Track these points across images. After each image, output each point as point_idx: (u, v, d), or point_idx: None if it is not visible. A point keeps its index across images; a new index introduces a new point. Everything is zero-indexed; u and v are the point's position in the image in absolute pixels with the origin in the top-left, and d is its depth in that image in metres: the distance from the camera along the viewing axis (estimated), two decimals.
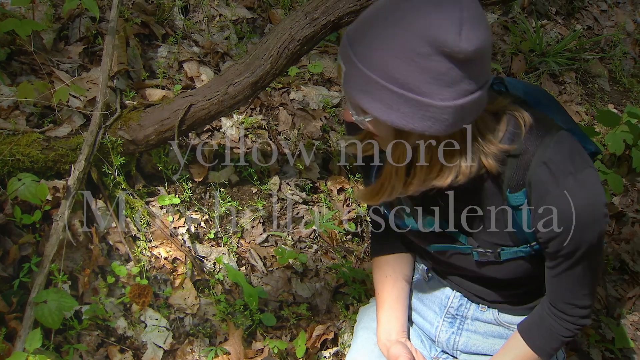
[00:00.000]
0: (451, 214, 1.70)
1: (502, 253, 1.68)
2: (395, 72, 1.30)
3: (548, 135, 1.52)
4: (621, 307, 3.30)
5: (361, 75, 1.34)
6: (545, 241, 1.56)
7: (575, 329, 1.71)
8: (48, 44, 2.91)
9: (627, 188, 3.86)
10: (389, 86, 1.32)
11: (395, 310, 1.95)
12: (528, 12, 4.91)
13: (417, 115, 1.34)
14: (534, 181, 1.51)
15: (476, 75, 1.34)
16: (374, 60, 1.31)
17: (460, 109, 1.34)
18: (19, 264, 2.37)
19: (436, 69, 1.29)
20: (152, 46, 3.24)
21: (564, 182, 1.47)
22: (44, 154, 2.47)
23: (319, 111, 3.44)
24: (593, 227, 1.51)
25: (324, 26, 2.57)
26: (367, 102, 1.36)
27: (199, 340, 2.55)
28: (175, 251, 2.69)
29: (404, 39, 1.28)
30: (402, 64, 1.29)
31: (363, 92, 1.36)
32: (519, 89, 1.71)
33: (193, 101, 2.64)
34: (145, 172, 2.84)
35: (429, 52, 1.27)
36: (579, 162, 1.50)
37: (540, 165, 1.50)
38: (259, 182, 3.07)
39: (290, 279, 2.84)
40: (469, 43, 1.27)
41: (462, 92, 1.33)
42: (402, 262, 1.99)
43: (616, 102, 4.58)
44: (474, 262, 1.74)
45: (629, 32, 5.13)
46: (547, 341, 1.74)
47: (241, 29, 3.58)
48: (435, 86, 1.31)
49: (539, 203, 1.52)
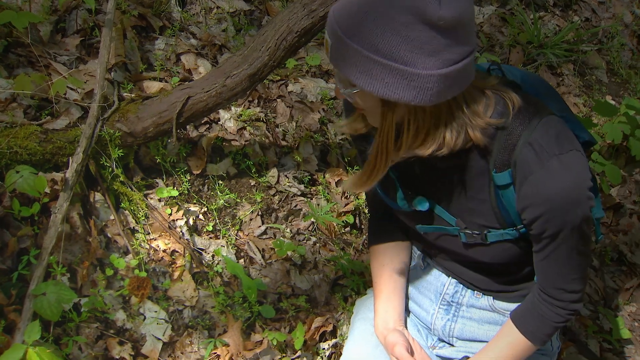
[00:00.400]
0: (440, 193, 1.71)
1: (489, 235, 1.69)
2: (378, 42, 1.33)
3: (536, 118, 1.54)
4: (619, 298, 3.31)
5: (346, 47, 1.36)
6: (529, 222, 1.58)
7: (566, 315, 1.72)
8: (45, 36, 2.90)
9: (625, 179, 3.86)
10: (373, 56, 1.34)
11: (393, 299, 1.96)
12: (526, 3, 4.90)
13: (401, 85, 1.36)
14: (519, 161, 1.52)
15: (459, 44, 1.36)
16: (358, 32, 1.34)
17: (444, 79, 1.36)
18: (17, 257, 2.37)
19: (418, 37, 1.31)
20: (149, 38, 3.23)
21: (548, 162, 1.49)
22: (41, 147, 2.47)
23: (317, 103, 3.44)
24: (576, 209, 1.52)
25: (322, 18, 2.56)
26: (352, 73, 1.39)
27: (198, 332, 2.55)
28: (173, 243, 2.69)
29: (386, 9, 1.31)
30: (385, 33, 1.32)
31: (349, 65, 1.38)
32: (517, 76, 1.72)
33: (191, 93, 2.63)
34: (144, 165, 2.83)
35: (411, 21, 1.30)
36: (564, 144, 1.52)
37: (526, 145, 1.51)
38: (257, 174, 3.07)
39: (288, 271, 2.84)
40: (448, 11, 1.29)
41: (446, 61, 1.35)
42: (399, 250, 2.00)
43: (614, 93, 4.58)
44: (461, 244, 1.75)
45: (627, 23, 5.13)
46: (539, 327, 1.75)
47: (239, 21, 3.57)
48: (418, 55, 1.33)
49: (523, 183, 1.53)
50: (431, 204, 1.73)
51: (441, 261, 1.94)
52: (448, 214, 1.73)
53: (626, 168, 3.88)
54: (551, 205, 1.51)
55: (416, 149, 1.52)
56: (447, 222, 1.74)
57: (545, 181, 1.49)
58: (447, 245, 1.80)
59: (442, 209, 1.73)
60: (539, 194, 1.51)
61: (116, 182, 2.65)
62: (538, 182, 1.50)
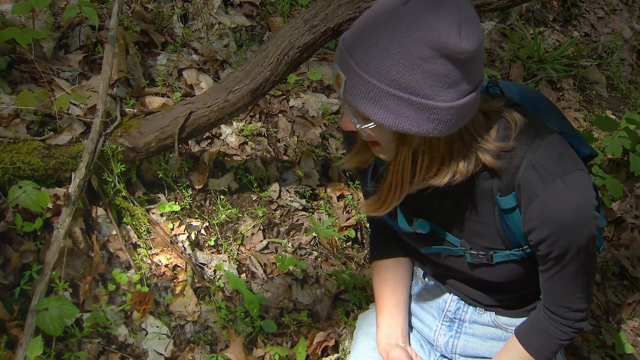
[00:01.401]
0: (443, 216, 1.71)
1: (495, 256, 1.68)
2: (398, 77, 1.31)
3: (538, 138, 1.53)
4: (621, 312, 3.30)
5: (363, 83, 1.34)
6: (535, 244, 1.57)
7: (572, 332, 1.71)
8: (48, 53, 2.92)
9: (626, 194, 3.87)
10: (393, 91, 1.33)
11: (395, 315, 1.95)
12: (525, 19, 4.93)
13: (421, 118, 1.35)
14: (523, 184, 1.52)
15: (474, 74, 1.36)
16: (376, 67, 1.32)
17: (462, 108, 1.36)
18: (20, 272, 2.36)
19: (439, 71, 1.31)
20: (151, 54, 3.24)
21: (552, 184, 1.48)
22: (44, 162, 2.48)
23: (318, 118, 3.45)
24: (582, 230, 1.51)
25: (324, 33, 2.58)
26: (370, 109, 1.37)
27: (200, 347, 2.55)
28: (175, 258, 2.69)
29: (405, 43, 1.29)
30: (405, 68, 1.30)
31: (366, 100, 1.36)
32: (514, 92, 1.71)
33: (193, 108, 2.64)
34: (146, 180, 2.84)
35: (432, 55, 1.29)
36: (567, 164, 1.51)
37: (529, 168, 1.51)
38: (259, 189, 3.08)
39: (290, 285, 2.84)
40: (469, 43, 1.29)
41: (463, 91, 1.35)
42: (401, 266, 1.99)
43: (614, 108, 4.59)
44: (467, 265, 1.75)
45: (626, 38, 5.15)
46: (544, 344, 1.74)
47: (240, 36, 3.59)
48: (438, 88, 1.32)
49: (528, 206, 1.52)
50: (432, 226, 1.72)
51: (442, 279, 1.94)
52: (451, 236, 1.72)
53: (627, 182, 3.88)
54: (558, 227, 1.50)
55: (431, 180, 1.52)
56: (451, 243, 1.73)
57: (551, 203, 1.48)
58: (452, 264, 1.79)
59: (443, 231, 1.73)
60: (545, 216, 1.50)
61: (118, 197, 2.66)
62: (543, 204, 1.49)
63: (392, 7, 1.32)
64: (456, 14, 1.29)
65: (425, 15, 1.29)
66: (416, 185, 1.54)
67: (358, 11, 2.53)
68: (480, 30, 1.34)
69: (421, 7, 1.30)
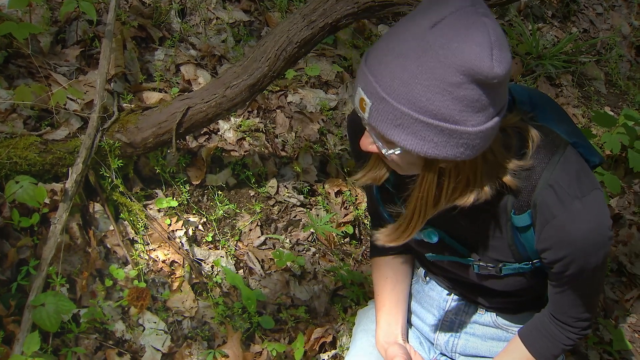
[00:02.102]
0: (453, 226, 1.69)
1: (504, 268, 1.67)
2: (428, 104, 1.26)
3: (555, 155, 1.50)
4: (619, 309, 3.30)
5: (391, 110, 1.29)
6: (549, 262, 1.56)
7: (576, 338, 1.71)
8: (45, 47, 2.91)
9: (624, 190, 3.87)
10: (422, 118, 1.28)
11: (395, 312, 1.95)
12: (524, 15, 4.92)
13: (450, 144, 1.31)
14: (540, 203, 1.49)
15: (501, 97, 1.33)
16: (405, 94, 1.27)
17: (489, 131, 1.33)
18: (16, 267, 2.36)
19: (470, 96, 1.26)
20: (149, 49, 3.23)
21: (571, 205, 1.46)
22: (41, 157, 2.47)
23: (316, 114, 3.44)
24: (598, 251, 1.50)
25: (322, 29, 2.57)
26: (397, 135, 1.32)
27: (198, 343, 2.54)
28: (173, 254, 2.68)
29: (434, 69, 1.24)
30: (435, 95, 1.25)
31: (393, 126, 1.31)
32: (524, 97, 1.67)
33: (191, 104, 2.63)
34: (143, 175, 2.83)
35: (462, 81, 1.24)
36: (585, 184, 1.49)
37: (547, 187, 1.48)
38: (257, 184, 3.07)
39: (288, 281, 2.84)
40: (501, 67, 1.25)
41: (490, 114, 1.31)
42: (402, 263, 1.99)
43: (612, 104, 4.59)
44: (473, 274, 1.74)
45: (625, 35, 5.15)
46: (547, 347, 1.74)
47: (238, 31, 3.58)
48: (468, 113, 1.28)
49: (544, 225, 1.50)
50: (441, 235, 1.71)
51: (445, 280, 1.93)
52: (460, 246, 1.71)
53: (625, 179, 3.88)
54: (574, 248, 1.49)
55: (455, 201, 1.48)
56: (459, 252, 1.72)
57: (569, 225, 1.47)
58: (457, 271, 1.79)
59: (452, 240, 1.71)
60: (562, 238, 1.49)
61: (115, 193, 2.65)
62: (561, 226, 1.47)
63: (419, 30, 1.26)
64: (487, 38, 1.24)
65: (455, 39, 1.24)
66: (440, 208, 1.50)
67: (357, 7, 2.52)
68: (510, 52, 1.29)
69: (451, 31, 1.24)
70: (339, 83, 3.64)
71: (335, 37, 3.83)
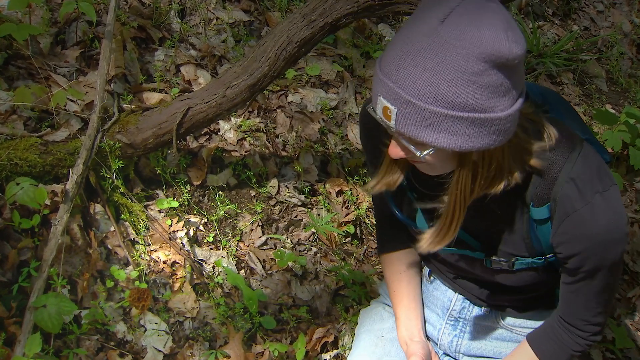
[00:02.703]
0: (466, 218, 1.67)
1: (516, 263, 1.66)
2: (454, 97, 1.26)
3: (575, 150, 1.50)
4: (621, 307, 3.29)
5: (418, 111, 1.29)
6: (565, 257, 1.55)
7: (586, 345, 1.70)
8: (45, 48, 2.90)
9: (626, 188, 3.86)
10: (452, 113, 1.28)
11: (414, 307, 1.94)
12: (525, 13, 4.91)
13: (483, 133, 1.31)
14: (560, 197, 1.49)
15: (521, 78, 1.34)
16: (430, 92, 1.26)
17: (516, 114, 1.33)
18: (17, 269, 2.36)
19: (493, 82, 1.26)
20: (149, 50, 3.23)
21: (592, 199, 1.46)
22: (42, 158, 2.47)
23: (316, 114, 3.43)
24: (616, 247, 1.50)
25: (322, 28, 2.56)
26: (429, 135, 1.31)
27: (199, 343, 2.54)
28: (174, 255, 2.68)
29: (455, 62, 1.24)
30: (460, 87, 1.25)
31: (423, 127, 1.30)
32: (536, 93, 1.68)
33: (191, 104, 2.63)
34: (144, 176, 2.83)
35: (485, 68, 1.25)
36: (605, 180, 1.49)
37: (568, 181, 1.48)
38: (258, 184, 3.07)
39: (289, 281, 2.83)
40: (519, 46, 1.26)
41: (514, 96, 1.32)
42: (412, 257, 1.97)
43: (614, 102, 4.58)
44: (485, 269, 1.72)
45: (626, 32, 5.14)
46: (556, 352, 1.73)
47: (238, 31, 3.58)
48: (495, 99, 1.28)
49: (564, 219, 1.50)
50: None
51: (451, 277, 1.92)
52: (472, 239, 1.70)
53: (627, 177, 3.87)
54: (592, 243, 1.48)
55: (488, 189, 1.48)
56: (471, 246, 1.71)
57: (589, 219, 1.46)
58: (468, 267, 1.78)
59: (464, 233, 1.70)
60: (581, 232, 1.48)
61: (116, 194, 2.65)
62: (581, 220, 1.47)
63: (430, 28, 1.26)
64: (499, 21, 1.25)
65: (468, 28, 1.24)
66: (474, 197, 1.49)
67: (357, 6, 2.52)
68: (520, 29, 1.30)
69: (462, 21, 1.25)
70: (339, 82, 3.64)
71: (336, 37, 3.82)
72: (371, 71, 3.76)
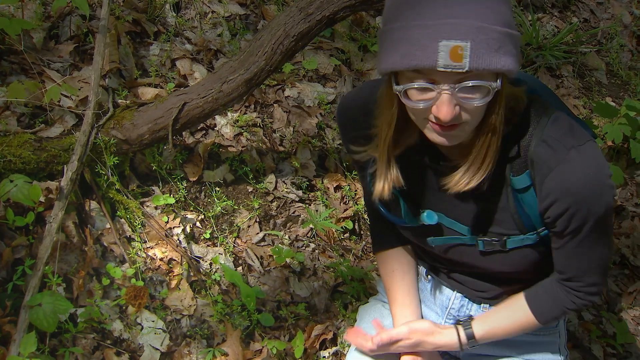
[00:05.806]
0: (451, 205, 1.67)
1: (508, 241, 1.65)
2: (507, 15, 1.33)
3: (544, 115, 1.52)
4: (622, 302, 3.28)
5: (490, 34, 1.29)
6: (552, 220, 1.54)
7: (581, 303, 1.69)
8: (38, 43, 2.88)
9: (626, 181, 3.84)
10: (510, 31, 1.33)
11: (409, 304, 1.93)
12: (524, 5, 4.89)
13: (519, 53, 1.36)
14: (536, 160, 1.50)
15: None
16: (494, 15, 1.30)
17: None
18: (12, 267, 2.34)
19: None
20: (144, 44, 3.20)
21: (567, 156, 1.46)
22: (35, 155, 2.44)
23: (314, 108, 3.41)
24: (600, 199, 1.49)
25: (319, 22, 2.55)
26: (500, 60, 1.31)
27: (197, 341, 2.52)
28: (170, 252, 2.66)
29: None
30: (507, 5, 1.33)
31: (495, 53, 1.30)
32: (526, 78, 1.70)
33: (187, 99, 2.61)
34: (139, 172, 2.81)
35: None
36: (579, 135, 1.49)
37: (540, 143, 1.49)
38: (255, 180, 3.04)
39: (287, 278, 2.81)
40: None
41: None
42: (406, 254, 1.96)
43: (614, 95, 4.56)
44: (478, 254, 1.71)
45: (626, 24, 5.11)
46: (549, 306, 1.72)
47: (234, 25, 3.55)
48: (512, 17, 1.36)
49: (543, 181, 1.50)
50: (439, 216, 1.69)
51: (446, 273, 1.90)
52: (459, 225, 1.69)
53: (628, 170, 3.86)
54: (575, 197, 1.48)
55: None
56: (459, 232, 1.70)
57: (567, 174, 1.47)
58: (461, 257, 1.76)
59: (451, 220, 1.69)
60: (562, 188, 1.48)
61: (112, 190, 2.62)
62: (560, 176, 1.47)
63: None
64: None
65: None
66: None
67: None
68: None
69: None
70: (337, 76, 3.61)
71: (333, 30, 3.79)
72: (369, 64, 3.74)
